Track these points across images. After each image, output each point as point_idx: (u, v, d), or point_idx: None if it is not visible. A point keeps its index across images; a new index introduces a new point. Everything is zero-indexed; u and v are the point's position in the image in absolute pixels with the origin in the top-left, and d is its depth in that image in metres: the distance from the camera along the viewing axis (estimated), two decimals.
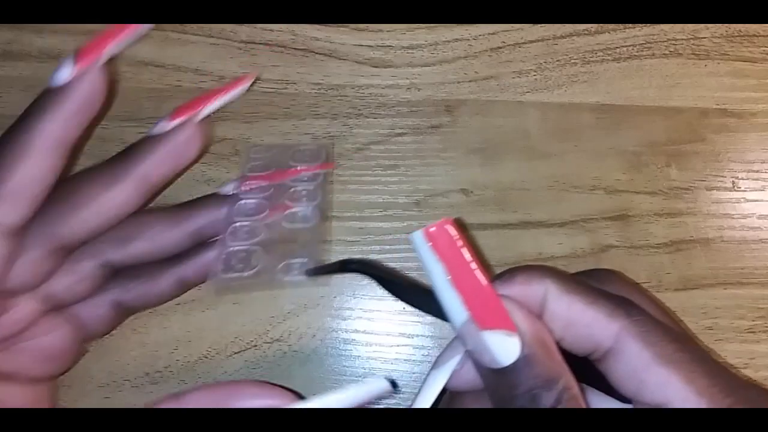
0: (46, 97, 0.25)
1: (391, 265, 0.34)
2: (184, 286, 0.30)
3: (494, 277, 0.21)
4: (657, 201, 0.35)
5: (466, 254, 0.20)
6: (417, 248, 0.20)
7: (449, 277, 0.20)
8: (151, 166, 0.26)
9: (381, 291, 0.34)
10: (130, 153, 0.27)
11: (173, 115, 0.27)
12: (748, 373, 0.33)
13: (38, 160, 0.24)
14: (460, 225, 0.23)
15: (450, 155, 0.35)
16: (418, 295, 0.21)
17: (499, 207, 0.35)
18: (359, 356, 0.33)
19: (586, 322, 0.20)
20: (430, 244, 0.20)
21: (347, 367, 0.33)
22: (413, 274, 0.34)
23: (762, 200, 0.35)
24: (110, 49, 0.26)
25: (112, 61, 0.27)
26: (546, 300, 0.21)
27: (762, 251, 0.34)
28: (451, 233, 0.20)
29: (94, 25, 0.36)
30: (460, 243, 0.20)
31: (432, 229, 0.20)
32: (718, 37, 0.37)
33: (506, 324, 0.20)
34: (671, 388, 0.19)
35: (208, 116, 0.28)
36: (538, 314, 0.21)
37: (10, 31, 0.36)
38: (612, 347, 0.20)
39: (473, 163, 0.35)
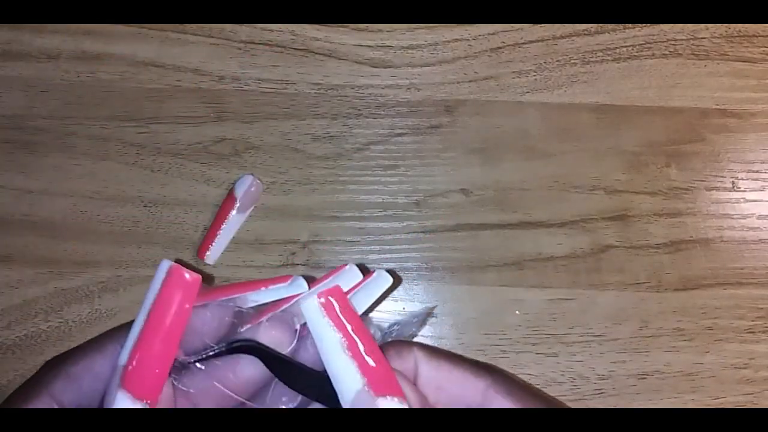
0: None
1: (390, 265, 0.34)
2: None
3: None
4: (657, 201, 0.35)
5: (358, 321, 0.20)
6: (309, 315, 0.20)
7: (345, 344, 0.19)
8: None
9: None
10: None
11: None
12: (747, 373, 0.33)
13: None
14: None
15: (450, 155, 0.35)
16: (303, 377, 0.20)
17: (499, 207, 0.35)
18: None
19: (455, 381, 0.21)
20: (325, 311, 0.19)
21: None
22: (412, 275, 0.34)
23: (762, 200, 0.35)
24: None
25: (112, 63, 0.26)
26: (417, 367, 0.21)
27: (761, 251, 0.34)
28: (343, 300, 0.20)
29: (94, 25, 0.36)
30: (352, 310, 0.20)
31: (325, 296, 0.19)
32: (718, 38, 0.37)
33: (398, 391, 0.19)
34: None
35: None
36: (413, 382, 0.21)
37: (10, 31, 0.36)
38: (481, 404, 0.20)
39: (473, 163, 0.35)
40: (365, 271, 0.25)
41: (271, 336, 0.21)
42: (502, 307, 0.34)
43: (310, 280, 0.22)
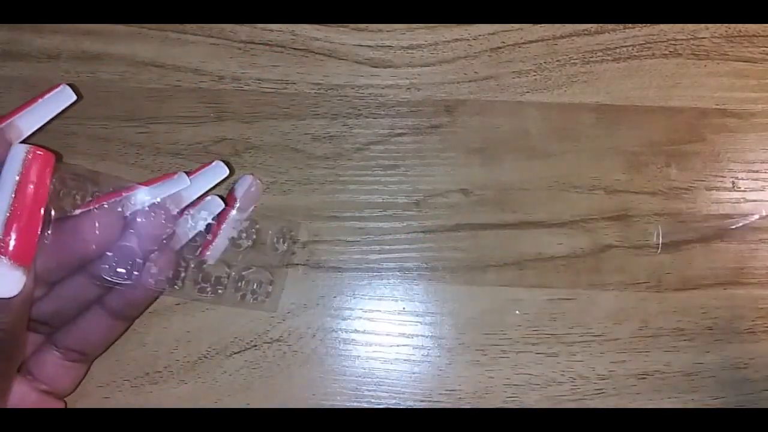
0: None
1: (390, 265, 0.34)
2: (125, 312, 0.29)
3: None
4: (657, 201, 0.35)
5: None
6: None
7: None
8: None
9: (381, 291, 0.34)
10: None
11: None
12: (747, 373, 0.33)
13: None
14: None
15: (450, 155, 0.35)
16: None
17: (498, 207, 0.35)
18: (359, 356, 0.33)
19: None
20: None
21: (347, 367, 0.33)
22: (412, 275, 0.34)
23: (762, 200, 0.35)
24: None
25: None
26: None
27: (762, 251, 0.34)
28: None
29: (94, 25, 0.36)
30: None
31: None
32: (718, 38, 0.37)
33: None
34: None
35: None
36: None
37: (10, 31, 0.36)
38: None
39: (473, 163, 0.35)
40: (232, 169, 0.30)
41: (102, 222, 0.24)
42: (502, 307, 0.34)
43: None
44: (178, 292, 0.30)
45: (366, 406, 0.32)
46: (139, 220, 0.26)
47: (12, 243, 0.22)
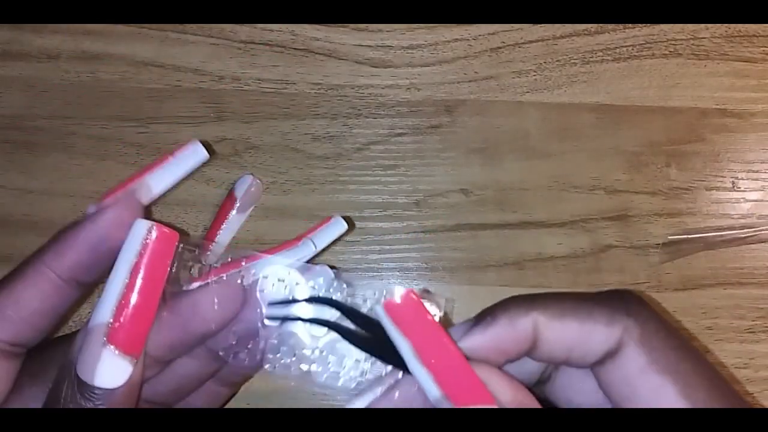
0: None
1: (390, 265, 0.34)
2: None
3: (476, 318, 0.20)
4: (657, 201, 0.35)
5: (434, 325, 0.19)
6: (383, 321, 0.19)
7: (417, 354, 0.19)
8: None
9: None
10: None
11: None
12: (747, 373, 0.33)
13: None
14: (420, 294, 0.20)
15: (450, 155, 0.35)
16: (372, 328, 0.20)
17: (498, 207, 0.35)
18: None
19: (584, 338, 0.19)
20: (393, 318, 0.19)
21: None
22: (412, 275, 0.34)
23: (762, 200, 0.35)
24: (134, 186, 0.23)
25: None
26: (537, 331, 0.19)
27: (762, 251, 0.34)
28: (414, 304, 0.19)
29: (94, 25, 0.36)
30: (425, 313, 0.19)
31: (394, 301, 0.19)
32: (718, 38, 0.37)
33: (483, 398, 0.19)
34: (665, 399, 0.19)
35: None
36: (530, 348, 0.20)
37: (9, 31, 0.36)
38: (610, 350, 0.19)
39: (473, 163, 0.35)
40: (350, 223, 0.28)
41: (221, 297, 0.22)
42: None
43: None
44: (299, 377, 0.25)
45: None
46: (260, 292, 0.23)
47: (121, 330, 0.20)
